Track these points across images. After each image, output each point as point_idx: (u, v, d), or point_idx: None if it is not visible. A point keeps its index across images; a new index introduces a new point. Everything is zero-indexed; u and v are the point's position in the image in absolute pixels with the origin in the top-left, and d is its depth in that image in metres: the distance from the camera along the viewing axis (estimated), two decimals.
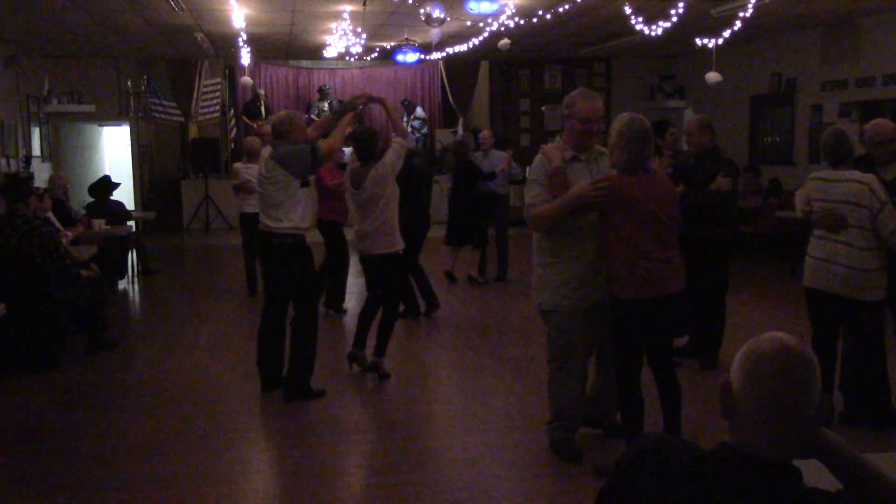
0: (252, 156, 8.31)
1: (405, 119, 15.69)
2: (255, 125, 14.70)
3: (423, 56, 11.76)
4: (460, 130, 15.60)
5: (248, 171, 8.22)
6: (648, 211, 3.84)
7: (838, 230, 4.52)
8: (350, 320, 7.58)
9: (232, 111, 15.50)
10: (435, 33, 9.95)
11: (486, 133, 9.89)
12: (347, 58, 12.81)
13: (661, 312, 3.94)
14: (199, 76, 14.78)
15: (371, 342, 5.98)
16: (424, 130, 15.65)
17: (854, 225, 4.48)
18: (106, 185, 9.67)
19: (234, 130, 15.30)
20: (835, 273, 4.58)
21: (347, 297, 8.31)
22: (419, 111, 15.73)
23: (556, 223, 4.06)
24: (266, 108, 15.04)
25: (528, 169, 4.88)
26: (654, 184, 3.91)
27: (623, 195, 3.85)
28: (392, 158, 5.72)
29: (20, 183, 6.98)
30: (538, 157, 4.23)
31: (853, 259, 4.50)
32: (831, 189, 4.58)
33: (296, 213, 5.27)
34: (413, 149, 8.15)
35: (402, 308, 7.78)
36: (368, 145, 5.75)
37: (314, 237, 5.75)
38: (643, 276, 3.85)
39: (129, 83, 14.51)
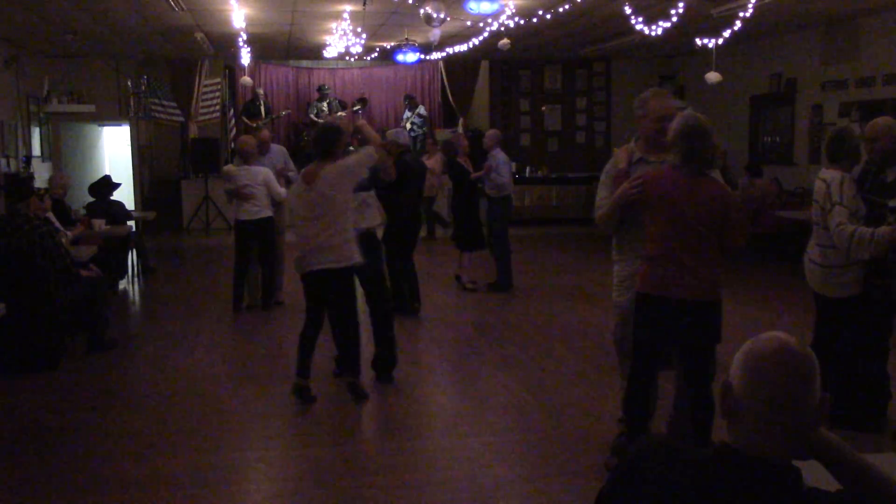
0: (247, 157, 7.82)
1: (407, 114, 15.68)
2: (254, 125, 14.71)
3: (423, 56, 11.77)
4: (460, 130, 15.60)
5: (244, 173, 7.76)
6: (679, 213, 3.73)
7: (814, 227, 4.75)
8: None
9: (232, 111, 15.51)
10: (435, 33, 9.94)
11: (488, 132, 9.58)
12: (347, 58, 12.80)
13: (675, 316, 3.79)
14: (199, 76, 14.79)
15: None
16: (424, 129, 15.65)
17: (816, 222, 4.67)
18: (106, 185, 9.66)
19: (234, 130, 15.30)
20: (806, 268, 4.84)
21: None
22: (422, 109, 15.73)
23: (612, 223, 4.10)
24: (266, 108, 15.05)
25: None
26: (698, 189, 3.73)
27: (653, 192, 3.81)
28: (353, 161, 5.28)
29: (21, 183, 6.98)
30: (611, 159, 4.31)
31: (815, 255, 4.71)
32: (815, 186, 4.76)
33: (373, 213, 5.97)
34: (405, 145, 7.91)
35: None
36: (329, 140, 5.27)
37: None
38: (656, 273, 3.82)
39: (129, 83, 14.51)
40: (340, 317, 5.38)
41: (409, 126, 15.40)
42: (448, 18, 8.49)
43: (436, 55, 13.09)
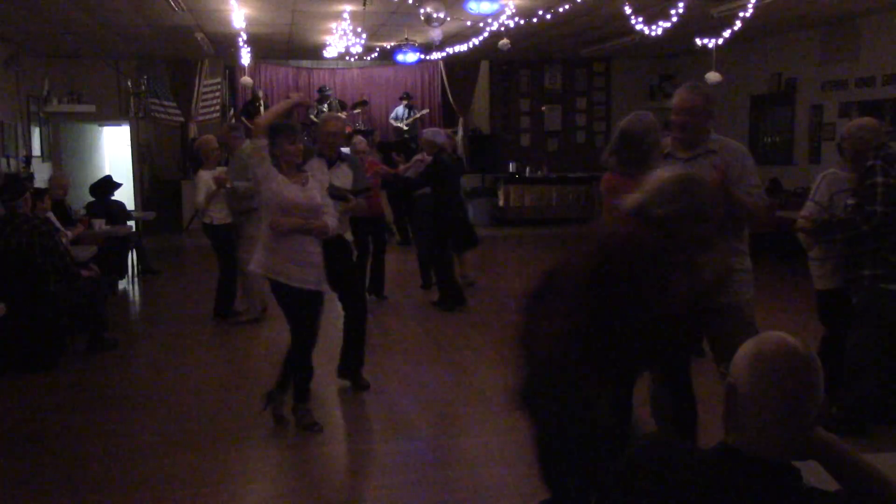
0: (204, 160, 7.69)
1: (400, 110, 15.57)
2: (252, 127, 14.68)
3: (423, 56, 11.77)
4: (460, 130, 15.58)
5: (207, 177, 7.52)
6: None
7: None
8: None
9: (232, 111, 15.50)
10: (436, 33, 9.95)
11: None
12: (347, 58, 12.80)
13: None
14: (199, 76, 14.79)
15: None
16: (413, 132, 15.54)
17: None
18: (108, 185, 9.67)
19: None
20: None
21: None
22: (418, 112, 15.67)
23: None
24: (265, 108, 15.04)
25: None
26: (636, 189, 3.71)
27: (608, 193, 3.81)
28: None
29: (13, 181, 6.95)
30: None
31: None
32: None
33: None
34: (441, 145, 8.10)
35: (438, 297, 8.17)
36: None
37: None
38: None
39: (129, 83, 14.51)
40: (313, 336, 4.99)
41: (405, 128, 15.36)
42: (448, 18, 8.50)
43: (436, 55, 13.09)
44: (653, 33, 9.42)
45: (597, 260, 2.59)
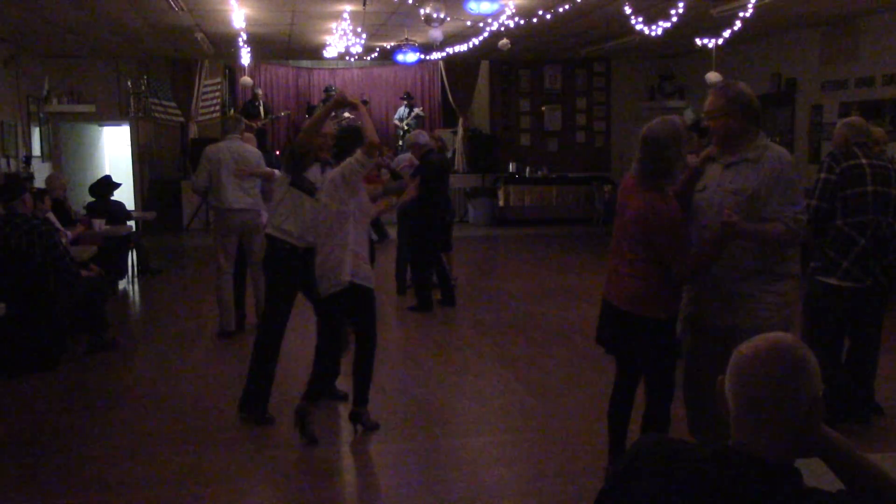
0: None
1: (402, 111, 15.64)
2: (253, 126, 14.71)
3: (423, 56, 11.77)
4: (460, 130, 15.59)
5: None
6: (619, 219, 3.73)
7: None
8: None
9: (232, 111, 15.52)
10: (437, 33, 9.95)
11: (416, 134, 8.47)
12: (347, 58, 12.81)
13: (611, 320, 3.74)
14: (199, 76, 14.80)
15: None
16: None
17: None
18: (107, 185, 9.67)
19: None
20: None
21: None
22: (419, 111, 15.72)
23: None
24: (265, 107, 15.05)
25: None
26: (633, 199, 3.59)
27: (619, 206, 3.83)
28: (342, 169, 4.55)
29: (11, 182, 6.95)
30: None
31: None
32: None
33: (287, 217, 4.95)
34: (427, 145, 8.05)
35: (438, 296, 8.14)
36: (348, 143, 4.66)
37: None
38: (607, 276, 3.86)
39: (129, 83, 14.52)
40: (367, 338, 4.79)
41: (405, 128, 15.40)
42: (448, 18, 8.50)
43: (436, 55, 13.09)
44: (653, 33, 9.42)
45: None
